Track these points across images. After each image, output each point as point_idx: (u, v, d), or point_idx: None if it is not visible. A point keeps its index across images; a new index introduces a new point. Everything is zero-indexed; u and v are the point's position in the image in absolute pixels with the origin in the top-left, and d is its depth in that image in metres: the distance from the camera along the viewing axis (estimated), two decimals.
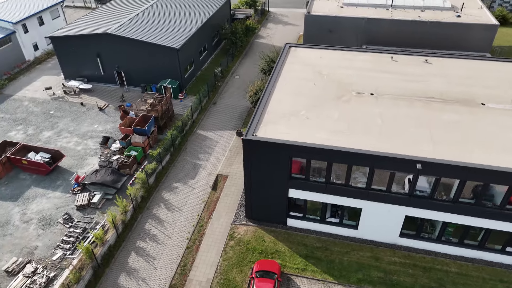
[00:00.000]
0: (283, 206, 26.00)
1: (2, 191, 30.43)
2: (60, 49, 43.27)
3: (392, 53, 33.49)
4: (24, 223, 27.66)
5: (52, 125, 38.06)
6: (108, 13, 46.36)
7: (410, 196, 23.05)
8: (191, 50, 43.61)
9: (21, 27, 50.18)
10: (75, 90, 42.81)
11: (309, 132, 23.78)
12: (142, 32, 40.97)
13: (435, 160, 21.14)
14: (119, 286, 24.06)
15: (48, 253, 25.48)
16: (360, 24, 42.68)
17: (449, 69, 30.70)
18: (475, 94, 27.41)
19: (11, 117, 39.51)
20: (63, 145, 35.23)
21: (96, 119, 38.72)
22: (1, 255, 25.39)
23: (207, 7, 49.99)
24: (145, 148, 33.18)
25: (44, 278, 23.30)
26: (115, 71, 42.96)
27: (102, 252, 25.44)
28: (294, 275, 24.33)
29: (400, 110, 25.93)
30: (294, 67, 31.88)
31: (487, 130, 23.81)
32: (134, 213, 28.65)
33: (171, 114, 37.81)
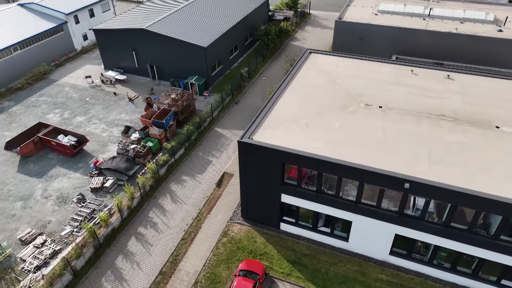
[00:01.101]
0: (276, 210, 26.45)
1: (31, 168, 33.69)
2: (102, 41, 46.53)
3: (415, 66, 32.44)
4: (44, 199, 30.53)
5: (85, 111, 41.21)
6: (150, 9, 48.95)
7: (400, 215, 22.58)
8: (220, 49, 44.93)
9: (73, 18, 54.45)
10: (111, 80, 45.87)
11: (304, 140, 24.00)
12: (175, 29, 42.91)
13: (424, 181, 20.57)
14: (114, 266, 25.95)
15: (59, 228, 28.02)
16: (392, 34, 41.54)
17: (471, 87, 29.25)
18: (492, 116, 25.99)
19: (52, 100, 43.28)
20: (91, 131, 38.10)
21: (125, 109, 41.32)
22: (19, 225, 28.32)
23: (244, 7, 51.04)
24: (161, 140, 35.01)
25: (50, 250, 25.73)
26: (148, 65, 45.42)
27: (105, 233, 27.50)
28: (278, 278, 24.77)
29: (405, 126, 25.29)
30: (309, 73, 32.00)
31: (493, 155, 22.62)
32: (141, 201, 30.51)
33: (192, 110, 39.41)
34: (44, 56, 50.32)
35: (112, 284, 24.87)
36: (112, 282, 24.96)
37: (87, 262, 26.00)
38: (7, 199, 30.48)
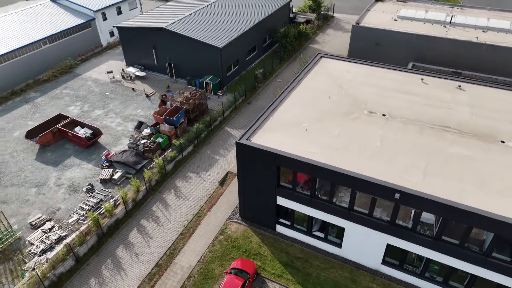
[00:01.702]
0: (272, 212, 26.82)
1: (48, 156, 35.59)
2: (124, 38, 48.28)
3: (427, 75, 31.88)
4: (56, 186, 32.24)
5: (104, 105, 42.98)
6: (173, 9, 50.29)
7: (391, 225, 22.44)
8: (237, 50, 45.60)
9: (100, 15, 56.70)
10: (131, 76, 47.54)
11: (301, 144, 24.24)
12: (194, 29, 43.95)
13: (415, 192, 20.39)
14: (115, 255, 27.14)
15: (67, 215, 29.55)
16: (410, 40, 40.86)
17: (482, 99, 28.50)
18: (499, 130, 25.29)
19: (74, 93, 45.37)
20: (107, 124, 39.74)
21: (141, 105, 42.77)
22: (31, 210, 30.08)
23: (265, 9, 51.49)
24: (171, 137, 36.08)
25: (56, 236, 27.23)
26: (167, 63, 46.74)
27: (109, 223, 28.78)
28: (269, 279, 25.17)
29: (406, 135, 25.03)
30: (317, 78, 32.11)
31: (493, 170, 22.09)
32: (146, 194, 31.65)
33: (204, 109, 40.31)
34: (71, 50, 52.74)
35: (110, 272, 26.06)
36: (110, 270, 26.15)
37: (90, 250, 27.32)
38: (23, 185, 32.41)
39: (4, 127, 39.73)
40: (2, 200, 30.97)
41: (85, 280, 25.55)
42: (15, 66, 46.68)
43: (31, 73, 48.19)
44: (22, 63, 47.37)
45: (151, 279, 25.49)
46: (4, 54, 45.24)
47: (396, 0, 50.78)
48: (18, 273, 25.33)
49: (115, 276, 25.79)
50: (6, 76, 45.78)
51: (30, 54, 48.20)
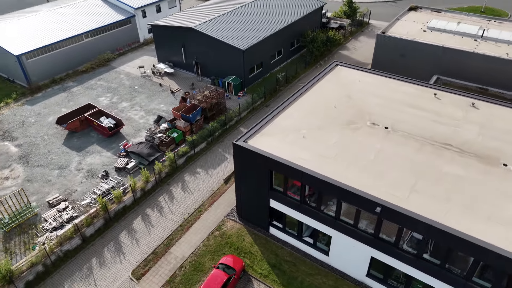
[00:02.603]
0: (265, 214, 27.55)
1: (74, 142, 38.55)
2: (157, 36, 50.81)
3: (442, 90, 31.07)
4: (76, 170, 34.95)
5: (131, 98, 45.63)
6: (206, 9, 52.17)
7: (375, 238, 22.45)
8: (261, 53, 46.51)
9: (140, 12, 59.88)
10: (160, 72, 49.96)
11: (295, 151, 24.76)
12: (220, 30, 45.41)
13: (396, 207, 20.33)
14: (118, 239, 29.16)
15: (80, 198, 32.05)
16: (435, 53, 39.72)
17: (494, 120, 27.44)
18: (505, 153, 24.34)
19: (107, 85, 48.49)
20: (131, 116, 42.24)
21: (165, 100, 44.95)
22: (51, 190, 32.91)
23: (295, 13, 51.94)
24: (185, 133, 37.77)
25: (68, 216, 29.69)
26: (194, 61, 48.64)
27: (117, 209, 30.88)
28: (255, 278, 25.99)
29: (403, 150, 24.79)
30: (327, 85, 32.33)
31: (484, 193, 21.45)
32: (155, 185, 33.50)
33: (222, 108, 41.66)
34: (110, 44, 56.25)
35: (111, 254, 28.07)
36: (112, 252, 28.16)
37: (96, 231, 29.54)
38: (48, 166, 35.45)
39: (41, 112, 43.44)
40: (28, 179, 34.14)
41: (88, 259, 27.74)
42: (58, 57, 50.67)
43: (71, 64, 52.04)
44: (64, 54, 51.30)
45: (146, 265, 27.17)
46: (49, 45, 49.28)
47: (431, 10, 49.30)
48: (30, 246, 28.01)
49: (114, 258, 27.75)
50: (49, 65, 49.84)
51: (72, 46, 52.07)
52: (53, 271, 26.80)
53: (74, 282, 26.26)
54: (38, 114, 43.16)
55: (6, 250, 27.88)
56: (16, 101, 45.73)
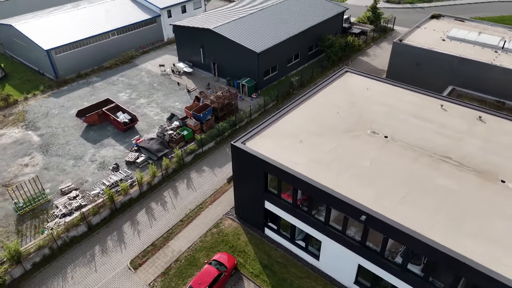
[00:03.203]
0: (260, 215, 28.13)
1: (91, 134, 40.55)
2: (178, 36, 52.39)
3: (450, 101, 30.55)
4: (90, 162, 36.81)
5: (149, 95, 47.33)
6: (228, 11, 53.19)
7: (362, 246, 22.56)
8: (277, 56, 47.04)
9: (166, 12, 61.79)
10: (179, 71, 51.48)
11: (290, 155, 25.20)
12: (237, 32, 46.30)
13: (380, 216, 20.42)
14: (121, 229, 30.58)
15: (91, 188, 33.77)
16: (451, 63, 38.92)
17: (500, 134, 26.80)
18: (505, 169, 23.81)
19: (128, 81, 50.50)
20: (147, 112, 43.88)
21: (181, 98, 46.34)
22: (65, 178, 34.86)
23: (315, 17, 52.07)
24: (195, 131, 38.91)
25: (76, 204, 31.43)
26: (212, 62, 49.81)
27: (123, 201, 32.35)
28: (246, 277, 26.65)
29: (399, 160, 24.71)
30: (334, 92, 32.49)
31: (476, 209, 21.14)
32: (161, 180, 34.78)
33: (234, 109, 42.52)
34: (135, 42, 58.43)
35: (114, 243, 29.51)
36: (114, 241, 29.60)
37: (102, 220, 31.10)
38: (65, 156, 37.52)
39: (64, 105, 45.88)
40: (45, 167, 36.31)
41: (92, 246, 29.30)
42: (85, 53, 53.23)
43: (97, 60, 54.48)
44: (91, 51, 53.82)
45: (144, 256, 28.39)
46: (77, 41, 51.86)
47: (453, 19, 48.15)
48: (40, 230, 29.89)
49: (116, 247, 29.17)
50: (76, 60, 52.45)
51: (99, 43, 54.53)
52: (59, 255, 28.52)
53: (77, 266, 27.85)
54: (62, 106, 45.62)
55: (18, 232, 29.91)
56: (43, 93, 48.48)
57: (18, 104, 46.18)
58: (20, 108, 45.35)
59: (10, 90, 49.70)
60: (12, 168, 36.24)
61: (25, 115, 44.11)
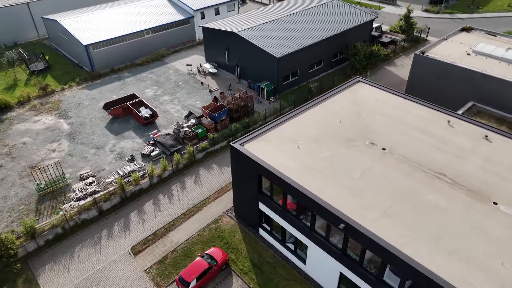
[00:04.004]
0: (255, 215, 29.09)
1: (115, 126, 43.31)
2: (206, 37, 54.39)
3: (458, 118, 29.95)
4: (109, 152, 39.44)
5: (173, 92, 49.63)
6: (256, 16, 54.47)
7: (343, 254, 22.95)
8: (297, 61, 47.69)
9: (199, 14, 64.16)
10: (205, 72, 53.45)
11: (284, 159, 25.99)
12: (261, 37, 47.45)
13: (358, 226, 20.78)
14: (128, 216, 32.70)
15: (106, 176, 36.26)
16: (472, 78, 37.80)
17: (503, 155, 26.06)
18: (500, 191, 23.28)
19: (155, 78, 53.16)
20: (168, 109, 46.11)
21: (203, 98, 48.20)
22: (85, 165, 37.64)
23: (341, 24, 52.14)
24: (209, 130, 40.51)
25: (91, 190, 33.94)
26: (235, 64, 51.31)
27: (133, 190, 34.50)
28: (235, 273, 27.77)
29: (392, 173, 24.78)
30: (341, 101, 32.79)
31: (459, 228, 20.94)
32: (171, 174, 36.65)
33: (250, 111, 43.70)
34: (167, 41, 61.20)
35: (120, 228, 31.66)
36: (120, 227, 31.75)
37: (112, 207, 33.39)
38: (88, 145, 40.44)
39: (95, 97, 49.20)
40: (69, 153, 39.36)
41: (100, 230, 31.61)
42: (120, 49, 56.58)
43: (130, 57, 57.71)
44: (126, 47, 57.11)
45: (145, 243, 30.27)
46: (114, 38, 55.26)
47: (485, 32, 46.47)
48: (56, 210, 32.64)
49: (121, 233, 31.28)
50: (111, 56, 55.89)
51: (133, 41, 57.74)
52: (70, 235, 31.06)
53: (84, 247, 30.22)
54: (93, 98, 48.94)
55: (37, 211, 32.84)
56: (78, 84, 52.18)
57: (55, 94, 50.08)
58: (56, 98, 49.17)
59: (50, 81, 53.91)
60: (40, 152, 39.62)
61: (60, 104, 47.80)
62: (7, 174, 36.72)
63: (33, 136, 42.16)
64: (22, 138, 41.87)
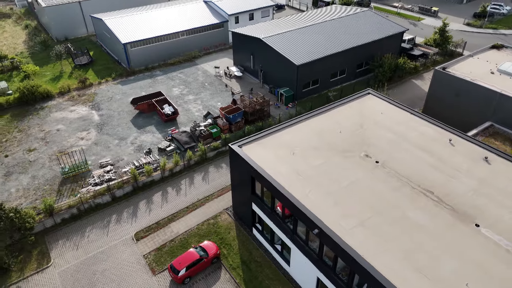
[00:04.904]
0: (249, 215, 30.44)
1: (139, 121, 46.41)
2: (235, 42, 56.47)
3: (462, 138, 29.51)
4: (130, 144, 42.46)
5: (198, 93, 52.12)
6: (285, 23, 55.83)
7: (319, 259, 23.74)
8: (319, 70, 48.38)
9: (233, 18, 66.47)
10: (231, 74, 55.52)
11: (277, 164, 27.15)
12: (285, 44, 48.67)
13: (330, 233, 21.53)
14: (137, 205, 35.27)
15: (123, 165, 39.18)
16: (491, 98, 36.69)
17: (499, 178, 25.58)
18: (485, 214, 23.08)
19: (184, 78, 56.00)
20: (190, 108, 48.59)
21: (225, 99, 50.23)
22: (107, 154, 40.85)
23: (369, 35, 52.11)
24: (223, 131, 42.38)
25: (107, 177, 36.93)
26: (259, 69, 52.89)
27: (145, 181, 37.08)
28: (225, 267, 29.31)
29: (379, 186, 25.19)
30: (347, 111, 33.33)
31: (433, 247, 21.14)
32: (183, 169, 38.88)
33: (266, 115, 45.07)
34: (200, 43, 63.99)
35: (128, 215, 34.27)
36: (128, 214, 34.36)
37: (124, 195, 36.14)
38: (112, 136, 43.76)
39: (126, 92, 52.83)
40: (95, 142, 42.85)
41: (110, 214, 34.40)
42: (155, 49, 60.07)
43: (164, 57, 61.07)
44: (161, 47, 60.50)
45: (148, 231, 32.61)
46: (150, 38, 58.81)
47: None
48: (74, 193, 35.91)
49: (129, 219, 33.88)
50: (147, 55, 59.51)
51: (169, 41, 61.03)
52: (83, 216, 34.11)
53: (94, 228, 33.11)
54: (124, 93, 52.58)
55: (58, 191, 36.31)
56: (114, 80, 56.20)
57: (92, 87, 54.33)
58: (92, 91, 53.37)
59: (91, 74, 58.46)
60: (71, 139, 43.47)
61: (95, 97, 51.86)
62: (39, 157, 40.77)
63: (67, 124, 46.25)
64: (58, 125, 46.08)
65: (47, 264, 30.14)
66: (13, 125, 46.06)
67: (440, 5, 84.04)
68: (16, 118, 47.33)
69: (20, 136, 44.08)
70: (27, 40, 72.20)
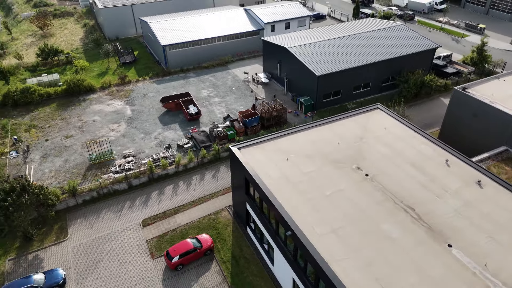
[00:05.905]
0: (244, 215, 32.30)
1: (166, 118, 49.95)
2: (265, 49, 58.65)
3: (461, 159, 29.34)
4: (153, 138, 45.99)
5: (224, 96, 54.87)
6: (316, 33, 57.12)
7: (294, 261, 25.08)
8: (341, 81, 49.15)
9: (269, 27, 68.73)
10: (258, 80, 57.74)
11: (269, 168, 28.81)
12: (309, 54, 50.03)
13: (302, 236, 22.84)
14: (150, 194, 38.46)
15: (143, 157, 42.67)
16: (507, 122, 35.60)
17: (486, 203, 25.43)
18: (461, 237, 23.28)
19: (214, 81, 59.06)
20: (213, 109, 51.40)
21: (247, 104, 52.47)
22: (131, 146, 44.63)
23: (397, 50, 51.97)
24: (239, 133, 44.61)
25: (127, 167, 40.54)
26: (284, 77, 54.59)
27: (160, 173, 40.21)
28: (216, 260, 31.46)
29: (363, 199, 26.05)
30: (351, 124, 34.19)
31: (399, 261, 21.82)
32: (196, 166, 41.61)
33: (282, 121, 46.68)
34: (235, 49, 66.92)
35: (139, 202, 37.52)
36: (141, 201, 37.58)
37: (140, 184, 39.51)
38: (139, 130, 47.61)
39: (159, 90, 56.84)
40: (123, 134, 46.91)
41: (124, 200, 37.84)
42: (191, 52, 63.84)
43: (199, 60, 64.64)
44: (197, 51, 64.20)
45: (154, 219, 35.59)
46: (188, 42, 62.67)
47: None
48: (96, 178, 39.86)
49: (140, 206, 37.10)
50: (184, 57, 63.43)
51: (205, 46, 64.59)
52: (101, 200, 37.85)
53: (109, 211, 36.67)
54: (157, 91, 56.62)
55: (84, 175, 40.47)
56: (151, 78, 60.60)
57: (130, 84, 59.03)
58: (130, 87, 58.01)
59: (132, 72, 63.42)
60: (103, 130, 47.92)
61: (131, 93, 56.38)
62: (74, 143, 45.48)
63: (102, 116, 50.91)
64: (94, 116, 50.89)
65: (64, 238, 34.05)
66: (57, 113, 51.53)
67: (489, 23, 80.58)
68: (61, 107, 52.84)
69: (61, 124, 49.31)
70: (83, 38, 79.36)
